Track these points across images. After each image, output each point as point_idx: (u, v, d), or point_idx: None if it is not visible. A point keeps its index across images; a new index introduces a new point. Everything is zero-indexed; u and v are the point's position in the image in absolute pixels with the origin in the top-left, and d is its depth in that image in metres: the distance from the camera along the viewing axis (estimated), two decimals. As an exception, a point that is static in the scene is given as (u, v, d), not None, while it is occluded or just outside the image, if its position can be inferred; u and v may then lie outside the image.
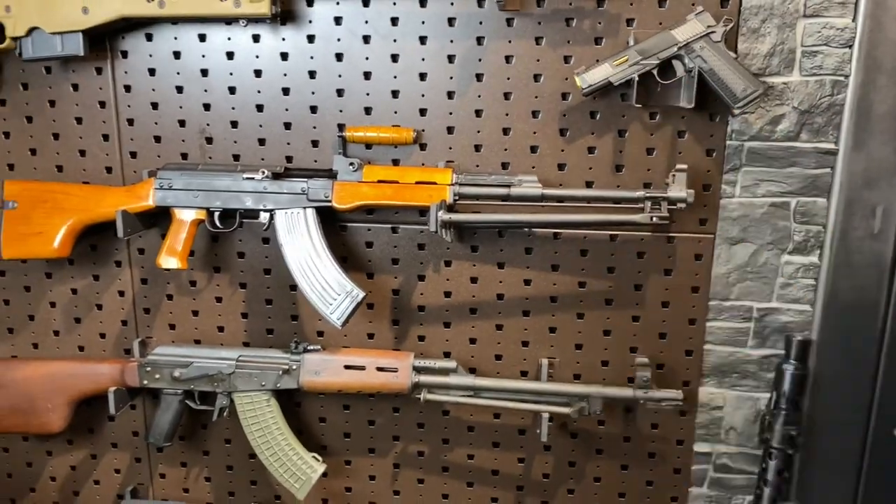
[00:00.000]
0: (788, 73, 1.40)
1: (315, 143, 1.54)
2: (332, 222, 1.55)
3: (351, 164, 1.46)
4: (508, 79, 1.46)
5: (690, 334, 1.55)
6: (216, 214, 1.50)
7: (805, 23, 1.37)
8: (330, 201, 1.46)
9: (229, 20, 1.47)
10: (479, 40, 1.45)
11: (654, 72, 1.36)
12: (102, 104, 1.57)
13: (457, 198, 1.43)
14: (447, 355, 1.62)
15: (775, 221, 1.48)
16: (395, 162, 1.53)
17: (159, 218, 1.57)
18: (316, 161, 1.54)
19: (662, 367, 1.57)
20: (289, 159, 1.55)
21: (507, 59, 1.45)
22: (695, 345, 1.56)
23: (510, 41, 1.44)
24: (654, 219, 1.37)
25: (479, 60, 1.46)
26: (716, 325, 1.55)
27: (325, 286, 1.46)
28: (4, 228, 1.51)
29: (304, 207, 1.47)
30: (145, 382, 1.59)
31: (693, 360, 1.57)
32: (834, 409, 1.51)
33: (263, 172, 1.47)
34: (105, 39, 1.53)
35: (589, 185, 1.49)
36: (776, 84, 1.40)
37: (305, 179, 1.47)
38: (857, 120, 1.40)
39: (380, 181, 1.46)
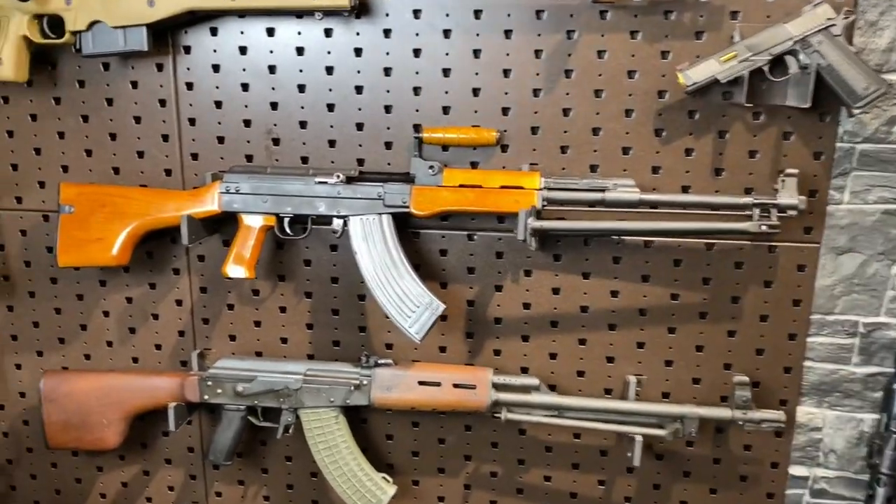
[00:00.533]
0: (908, 69, 1.29)
1: (388, 145, 1.45)
2: (404, 228, 1.46)
3: (430, 167, 1.37)
4: (600, 75, 1.36)
5: (790, 350, 1.45)
6: (286, 220, 1.41)
7: (928, 14, 1.26)
8: (408, 207, 1.37)
9: (302, 13, 1.38)
10: (570, 34, 1.35)
11: (765, 68, 1.25)
12: (163, 102, 1.48)
13: (545, 203, 1.33)
14: (525, 371, 1.52)
15: (887, 230, 1.37)
16: (474, 165, 1.43)
17: (222, 224, 1.49)
18: (389, 164, 1.45)
19: (758, 385, 1.46)
20: (360, 162, 1.46)
21: (600, 54, 1.35)
22: (794, 361, 1.45)
23: (603, 35, 1.34)
24: (764, 227, 1.26)
25: (569, 56, 1.36)
26: (818, 340, 1.44)
27: (404, 297, 1.36)
28: (61, 234, 1.43)
29: (380, 213, 1.38)
30: (206, 397, 1.50)
31: (792, 377, 1.46)
32: (949, 433, 1.40)
33: (338, 176, 1.37)
34: (167, 34, 1.44)
35: (685, 189, 1.39)
36: (895, 82, 1.29)
37: (381, 184, 1.38)
38: (983, 120, 1.28)
39: (461, 185, 1.36)
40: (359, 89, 1.43)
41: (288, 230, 1.42)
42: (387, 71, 1.41)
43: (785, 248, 1.40)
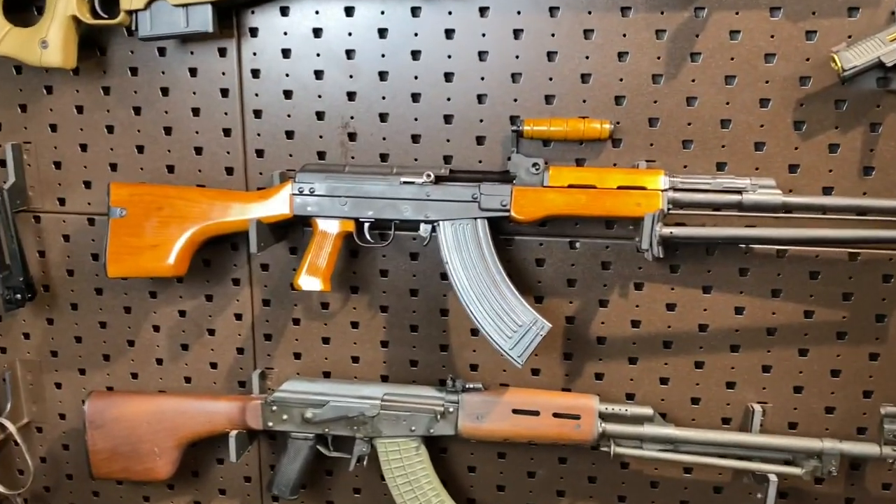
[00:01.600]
0: None
1: (480, 140, 1.27)
2: (496, 235, 1.28)
3: (534, 164, 1.19)
4: (732, 59, 1.18)
5: (943, 376, 1.26)
6: (366, 226, 1.24)
7: None
8: (508, 211, 1.19)
9: (387, -11, 1.21)
10: (697, 12, 1.17)
11: (942, 49, 1.07)
12: (225, 92, 1.31)
13: (671, 206, 1.15)
14: (630, 397, 1.34)
15: None
16: (579, 162, 1.25)
17: (290, 229, 1.32)
18: (480, 162, 1.28)
19: (903, 416, 1.27)
20: (447, 160, 1.29)
21: (732, 34, 1.17)
22: (947, 389, 1.26)
23: (738, 13, 1.16)
24: (937, 238, 1.08)
25: (696, 36, 1.18)
26: (976, 365, 1.25)
27: (503, 315, 1.19)
28: (111, 240, 1.26)
29: (476, 218, 1.20)
30: (270, 424, 1.33)
31: (943, 407, 1.27)
32: None
33: (427, 176, 1.20)
34: (232, 14, 1.27)
35: (827, 190, 1.20)
36: None
37: (476, 184, 1.20)
38: None
39: (571, 186, 1.18)
40: (448, 77, 1.25)
41: (368, 237, 1.25)
42: (481, 55, 1.24)
43: (943, 259, 1.21)
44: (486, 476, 1.43)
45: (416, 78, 1.26)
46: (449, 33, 1.24)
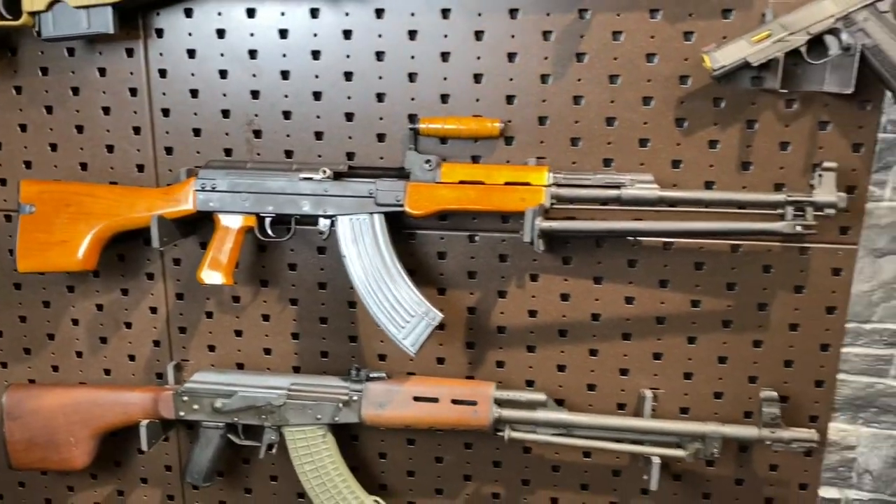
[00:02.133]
0: (958, 51, 1.16)
1: (381, 137, 1.31)
2: (398, 229, 1.33)
3: (427, 161, 1.23)
4: (615, 59, 1.23)
5: (822, 362, 1.32)
6: (268, 221, 1.28)
7: (982, -10, 1.13)
8: (402, 206, 1.24)
9: (284, -9, 1.25)
10: (582, 13, 1.22)
11: (803, 50, 1.12)
12: (133, 92, 1.35)
13: (554, 201, 1.20)
14: (530, 384, 1.39)
15: (933, 230, 1.24)
16: (475, 158, 1.30)
17: (198, 224, 1.36)
18: (382, 158, 1.32)
19: (787, 400, 1.33)
20: (350, 156, 1.33)
21: (615, 35, 1.22)
22: (826, 374, 1.32)
23: (619, 14, 1.21)
24: (799, 228, 1.13)
25: (581, 37, 1.23)
26: (853, 351, 1.31)
27: (397, 306, 1.23)
28: (21, 236, 1.30)
29: (372, 213, 1.25)
30: (182, 414, 1.37)
31: (824, 391, 1.33)
32: None
33: (324, 172, 1.24)
34: (137, 15, 1.31)
35: (709, 185, 1.26)
36: (945, 65, 1.16)
37: (373, 180, 1.25)
38: None
39: (461, 182, 1.23)
40: (348, 76, 1.30)
41: (270, 231, 1.29)
42: (379, 55, 1.28)
43: (818, 249, 1.27)
44: (397, 462, 1.48)
45: (316, 77, 1.30)
46: (347, 34, 1.28)
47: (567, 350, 1.37)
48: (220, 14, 1.30)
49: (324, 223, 1.26)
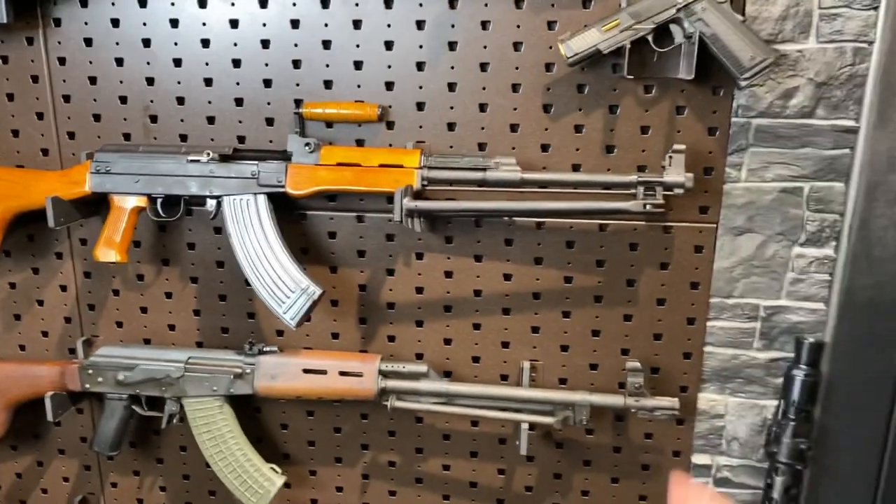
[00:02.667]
0: (804, 39, 1.23)
1: (270, 122, 1.38)
2: (289, 210, 1.40)
3: (307, 144, 1.30)
4: (485, 48, 1.29)
5: (689, 335, 1.39)
6: (159, 201, 1.34)
7: (823, -18, 1.20)
8: (283, 186, 1.30)
9: (170, -18, 1.30)
10: (452, 3, 1.28)
11: (650, 38, 1.19)
12: (35, 79, 1.41)
13: (426, 183, 1.27)
14: (420, 357, 1.47)
15: (786, 209, 1.31)
16: (360, 143, 1.37)
17: (100, 205, 1.42)
18: (271, 141, 1.38)
19: (658, 372, 1.41)
20: (241, 139, 1.39)
21: (484, 25, 1.28)
22: (694, 347, 1.40)
23: (486, 4, 1.27)
24: (648, 206, 1.21)
25: (452, 27, 1.29)
26: (717, 324, 1.39)
27: (278, 282, 1.30)
28: (-73, 217, 1.36)
29: (255, 194, 1.31)
30: (87, 386, 1.44)
31: (692, 363, 1.41)
32: (849, 420, 1.35)
33: (209, 154, 1.31)
34: (36, 5, 1.36)
35: (576, 168, 1.33)
36: (789, 52, 1.23)
37: (256, 162, 1.31)
38: (882, 93, 1.22)
39: (339, 164, 1.30)
40: (236, 63, 1.36)
41: (161, 211, 1.35)
42: (265, 43, 1.34)
43: (680, 228, 1.34)
44: (298, 432, 1.55)
45: (206, 64, 1.36)
46: (234, 23, 1.34)
47: (452, 324, 1.44)
48: (113, 4, 1.35)
49: (211, 203, 1.32)
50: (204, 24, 1.34)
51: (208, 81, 1.37)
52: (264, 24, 1.33)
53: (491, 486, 1.52)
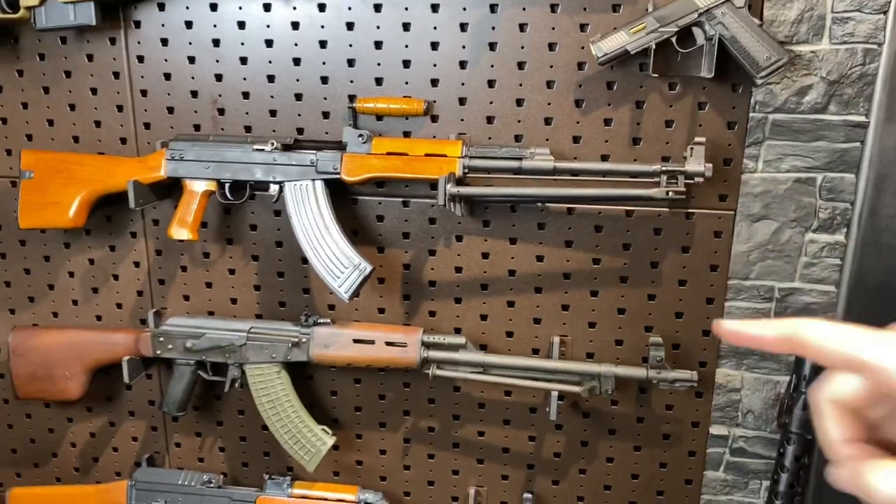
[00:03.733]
0: (817, 40, 1.33)
1: (326, 115, 1.52)
2: (343, 195, 1.54)
3: (360, 135, 1.44)
4: (522, 48, 1.42)
5: (708, 314, 1.51)
6: (227, 186, 1.49)
7: (836, -12, 1.30)
8: (339, 173, 1.44)
9: (239, -11, 1.45)
10: (493, 8, 1.41)
11: (673, 40, 1.30)
12: (116, 75, 1.57)
13: (466, 171, 1.40)
14: (458, 331, 1.60)
15: (799, 198, 1.42)
16: (407, 134, 1.50)
17: (173, 189, 1.58)
18: (327, 133, 1.53)
19: (678, 348, 1.53)
20: (300, 131, 1.54)
21: (522, 27, 1.41)
22: (712, 324, 1.51)
23: (524, 9, 1.40)
24: (670, 193, 1.32)
25: (493, 29, 1.42)
26: (735, 304, 1.50)
27: (334, 259, 1.44)
28: (21, 198, 1.53)
29: (314, 179, 1.46)
30: (158, 352, 1.60)
31: (710, 340, 1.52)
32: (857, 394, 1.45)
33: (273, 144, 1.46)
34: (118, 9, 1.52)
35: (605, 158, 1.45)
36: (804, 53, 1.34)
37: (315, 151, 1.46)
38: (891, 91, 1.32)
39: (389, 153, 1.43)
40: (297, 61, 1.50)
41: (229, 195, 1.50)
42: (322, 44, 1.48)
43: (701, 215, 1.45)
44: (346, 398, 1.70)
45: (270, 63, 1.51)
46: (295, 25, 1.48)
47: (488, 302, 1.57)
48: (187, 8, 1.51)
49: (273, 188, 1.47)
50: (268, 26, 1.49)
51: (271, 78, 1.52)
52: (322, 27, 1.47)
53: (522, 452, 1.65)
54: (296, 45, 1.49)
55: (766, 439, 1.56)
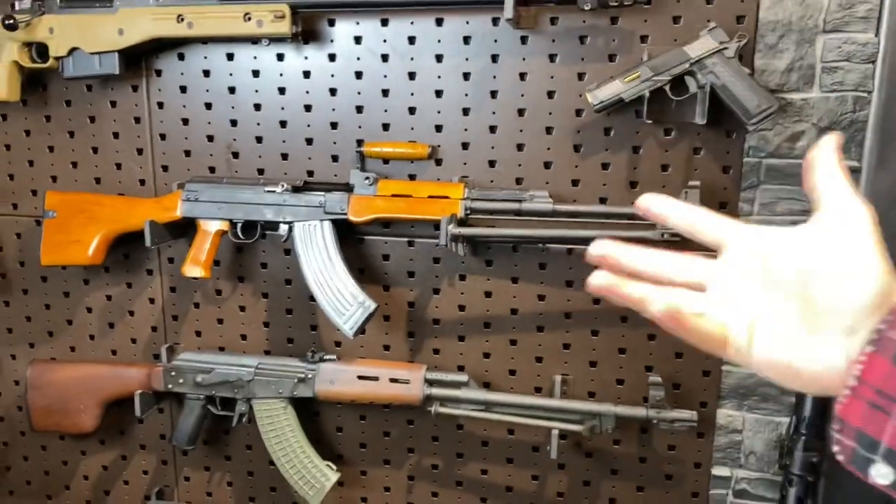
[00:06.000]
0: (808, 89, 1.37)
1: (335, 158, 1.59)
2: (350, 235, 1.59)
3: (367, 178, 1.50)
4: (523, 95, 1.48)
5: (708, 354, 1.52)
6: (238, 226, 1.56)
7: (825, 38, 1.35)
8: (346, 214, 1.50)
9: (254, 40, 1.53)
10: (494, 58, 1.47)
11: (667, 88, 1.35)
12: (137, 120, 1.65)
13: (468, 212, 1.45)
14: (461, 369, 1.63)
15: (796, 240, 1.44)
16: (412, 177, 1.56)
17: (188, 229, 1.64)
18: (336, 175, 1.59)
19: (679, 388, 1.54)
20: (310, 173, 1.60)
21: (522, 76, 1.47)
22: (712, 365, 1.53)
23: (524, 59, 1.46)
24: (665, 235, 1.35)
25: (494, 77, 1.48)
26: (734, 345, 1.51)
27: (339, 297, 1.49)
28: (44, 237, 1.60)
29: (321, 220, 1.51)
30: (170, 386, 1.65)
31: (711, 380, 1.53)
32: (858, 437, 1.45)
33: (283, 186, 1.52)
34: (141, 59, 1.61)
35: (603, 201, 1.49)
36: (795, 100, 1.38)
37: (323, 193, 1.52)
38: (882, 137, 1.36)
39: (394, 195, 1.49)
40: (308, 108, 1.57)
41: (241, 235, 1.56)
42: (332, 91, 1.56)
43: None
44: (351, 435, 1.72)
45: (282, 109, 1.58)
46: (307, 74, 1.56)
47: (491, 340, 1.61)
48: (205, 58, 1.59)
49: (283, 228, 1.53)
50: (281, 75, 1.57)
51: (283, 123, 1.59)
52: (332, 75, 1.54)
53: (525, 491, 1.66)
54: (307, 92, 1.57)
55: (769, 481, 1.56)
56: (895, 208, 1.37)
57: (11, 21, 1.49)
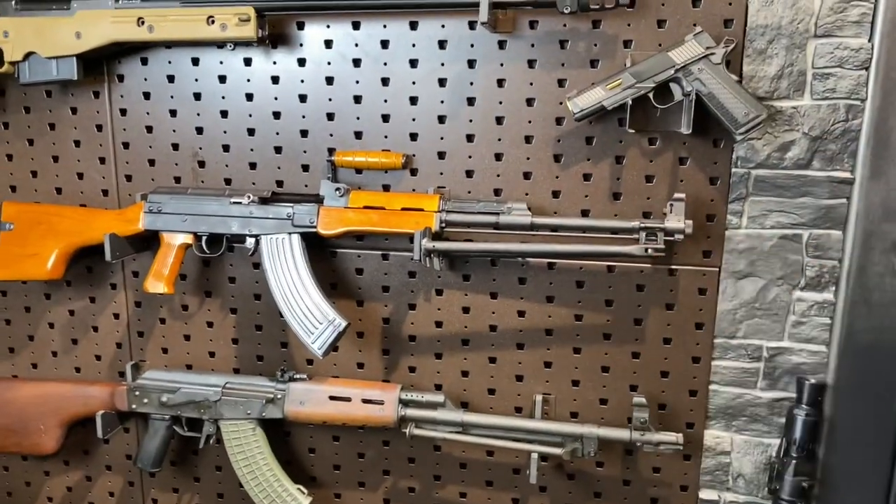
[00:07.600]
0: (798, 96, 1.31)
1: (305, 168, 1.51)
2: (321, 248, 1.52)
3: (337, 189, 1.43)
4: (501, 103, 1.41)
5: (694, 373, 1.46)
6: (203, 239, 1.48)
7: (816, 43, 1.28)
8: (315, 227, 1.43)
9: (220, 44, 1.46)
10: (471, 63, 1.41)
11: (650, 95, 1.29)
12: (99, 127, 1.58)
13: (444, 225, 1.38)
14: (438, 388, 1.56)
15: (786, 255, 1.38)
16: (386, 188, 1.49)
17: (151, 241, 1.57)
18: (306, 185, 1.52)
19: (665, 408, 1.48)
20: (279, 184, 1.53)
21: (500, 82, 1.40)
22: (699, 385, 1.46)
23: (502, 64, 1.39)
24: (650, 251, 1.29)
25: (471, 84, 1.41)
26: (722, 364, 1.45)
27: (308, 314, 1.42)
28: (1, 250, 1.53)
29: (290, 233, 1.44)
30: (133, 407, 1.57)
31: (697, 400, 1.47)
32: (852, 460, 1.39)
33: (249, 197, 1.45)
34: (102, 63, 1.54)
35: (585, 213, 1.42)
36: (785, 108, 1.31)
37: (291, 205, 1.44)
38: (875, 147, 1.29)
39: (366, 207, 1.42)
40: (276, 115, 1.50)
41: (206, 248, 1.49)
42: (302, 98, 1.48)
43: (684, 271, 1.42)
44: (324, 456, 1.65)
45: (250, 116, 1.51)
46: (275, 79, 1.49)
47: (469, 357, 1.54)
48: (170, 63, 1.52)
49: (250, 241, 1.45)
50: (248, 80, 1.49)
51: (251, 131, 1.52)
52: (302, 81, 1.47)
53: (505, 514, 1.60)
54: (276, 98, 1.49)
55: (758, 505, 1.49)
56: (889, 221, 1.31)
57: (-37, 24, 1.42)
